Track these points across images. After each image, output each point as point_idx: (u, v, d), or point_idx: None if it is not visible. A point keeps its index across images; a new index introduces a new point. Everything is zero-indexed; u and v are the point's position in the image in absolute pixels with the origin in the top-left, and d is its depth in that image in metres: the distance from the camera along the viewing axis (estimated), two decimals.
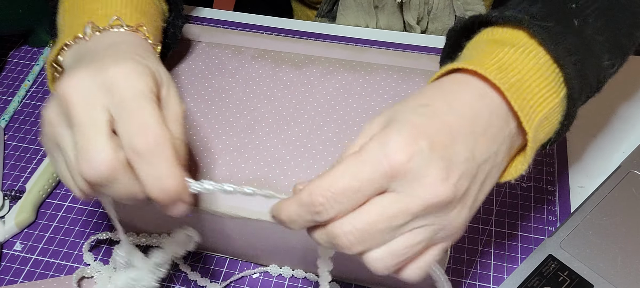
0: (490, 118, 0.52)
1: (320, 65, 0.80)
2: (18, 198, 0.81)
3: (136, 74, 0.53)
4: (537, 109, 0.54)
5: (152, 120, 0.51)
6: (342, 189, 0.47)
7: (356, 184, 0.47)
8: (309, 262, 0.71)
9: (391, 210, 0.47)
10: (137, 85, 0.52)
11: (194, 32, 0.85)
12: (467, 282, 0.73)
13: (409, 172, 0.47)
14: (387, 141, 0.47)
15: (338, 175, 0.47)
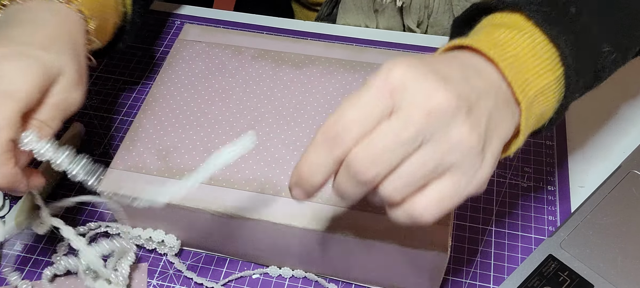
0: (492, 90, 0.52)
1: (320, 65, 0.80)
2: (18, 198, 0.80)
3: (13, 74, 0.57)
4: (532, 83, 0.54)
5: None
6: (351, 117, 0.48)
7: (363, 110, 0.48)
8: (309, 261, 0.71)
9: (396, 125, 0.48)
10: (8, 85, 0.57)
11: (194, 32, 0.85)
12: (467, 282, 0.73)
13: (407, 87, 0.48)
14: (383, 68, 0.49)
15: (346, 107, 0.49)
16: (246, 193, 0.68)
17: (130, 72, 0.98)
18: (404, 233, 0.64)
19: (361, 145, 0.48)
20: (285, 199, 0.67)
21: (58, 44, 0.62)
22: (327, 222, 0.65)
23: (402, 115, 0.48)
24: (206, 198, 0.68)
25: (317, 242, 0.67)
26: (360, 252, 0.66)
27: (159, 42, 1.03)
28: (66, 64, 0.62)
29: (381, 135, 0.48)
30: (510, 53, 0.54)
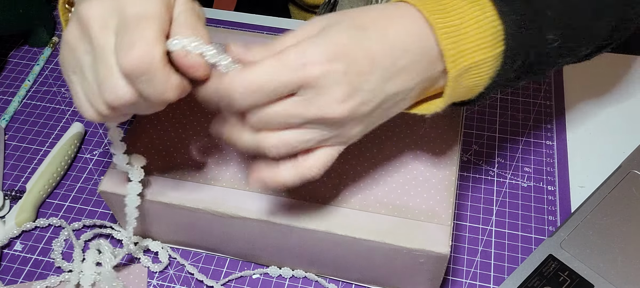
0: (416, 54, 0.54)
1: None
2: (18, 198, 0.81)
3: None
4: (467, 55, 0.54)
5: (141, 40, 0.50)
6: (257, 86, 0.51)
7: (271, 85, 0.51)
8: (309, 262, 0.71)
9: (291, 110, 0.52)
10: (140, 7, 0.51)
11: None
12: (467, 282, 0.73)
13: (317, 86, 0.51)
14: (309, 52, 0.51)
15: (258, 73, 0.51)
16: (246, 193, 0.68)
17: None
18: (404, 234, 0.64)
19: (256, 111, 0.53)
20: (285, 199, 0.67)
21: None
22: (327, 222, 0.65)
23: (300, 104, 0.52)
24: (206, 198, 0.68)
25: (317, 242, 0.67)
26: (360, 252, 0.66)
27: None
28: None
29: (275, 109, 0.52)
30: (452, 22, 0.54)
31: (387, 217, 0.65)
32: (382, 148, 0.70)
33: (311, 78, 0.51)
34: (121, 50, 0.50)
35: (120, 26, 0.51)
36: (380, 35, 0.53)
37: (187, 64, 0.53)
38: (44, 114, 0.93)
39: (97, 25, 0.52)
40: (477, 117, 0.88)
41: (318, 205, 0.67)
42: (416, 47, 0.54)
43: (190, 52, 0.52)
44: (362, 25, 0.53)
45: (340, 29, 0.53)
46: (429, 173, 0.68)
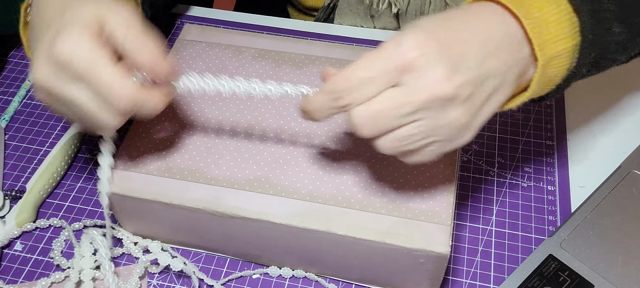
0: (504, 40, 0.56)
1: (320, 65, 0.80)
2: (18, 198, 0.81)
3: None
4: (551, 45, 0.57)
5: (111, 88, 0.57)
6: (359, 78, 0.54)
7: (372, 75, 0.53)
8: (309, 261, 0.71)
9: (399, 99, 0.53)
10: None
11: (194, 32, 0.85)
12: (467, 282, 0.73)
13: (417, 68, 0.53)
14: (402, 41, 0.53)
15: (358, 66, 0.54)
16: (246, 193, 0.68)
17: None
18: (404, 234, 0.64)
19: (364, 105, 0.54)
20: (285, 199, 0.67)
21: None
22: (327, 222, 0.65)
23: (407, 91, 0.53)
24: (206, 198, 0.68)
25: (317, 242, 0.67)
26: (360, 252, 0.66)
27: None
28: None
29: (382, 101, 0.54)
30: (535, 15, 0.57)
31: (387, 217, 0.65)
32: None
33: (408, 60, 0.53)
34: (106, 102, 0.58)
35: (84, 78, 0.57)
36: (467, 24, 0.56)
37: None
38: (44, 114, 0.93)
39: (82, 57, 0.56)
40: None
41: (318, 205, 0.67)
42: (504, 35, 0.56)
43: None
44: (447, 18, 0.57)
45: (426, 21, 0.56)
46: (429, 173, 0.68)
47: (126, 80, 0.57)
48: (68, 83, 0.57)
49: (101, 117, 0.59)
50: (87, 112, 0.59)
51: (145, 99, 0.59)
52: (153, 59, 0.58)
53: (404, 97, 0.53)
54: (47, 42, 0.57)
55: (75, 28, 0.57)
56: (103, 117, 0.59)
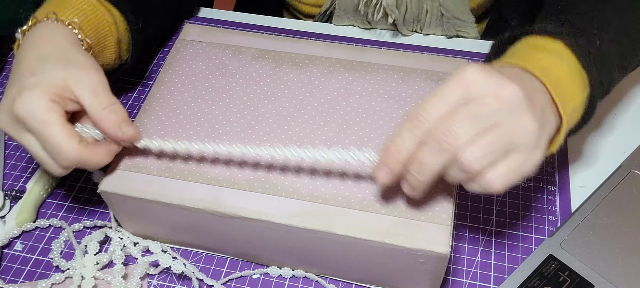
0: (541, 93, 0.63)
1: (320, 65, 0.80)
2: (18, 198, 0.81)
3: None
4: (569, 102, 0.65)
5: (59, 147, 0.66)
6: (431, 104, 0.59)
7: (442, 98, 0.58)
8: (309, 261, 0.71)
9: (473, 106, 0.57)
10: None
11: (194, 32, 0.85)
12: (468, 282, 0.73)
13: (481, 80, 0.58)
14: (461, 70, 0.59)
15: (427, 98, 0.59)
16: (246, 193, 0.68)
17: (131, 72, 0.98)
18: (404, 234, 0.64)
19: (441, 121, 0.58)
20: (285, 199, 0.67)
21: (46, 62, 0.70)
22: (327, 222, 0.65)
23: (478, 100, 0.57)
24: (206, 198, 0.68)
25: (317, 242, 0.67)
26: (360, 252, 0.66)
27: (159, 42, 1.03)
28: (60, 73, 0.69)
29: (459, 113, 0.57)
30: (553, 77, 0.64)
31: (387, 216, 0.65)
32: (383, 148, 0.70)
33: (476, 77, 0.58)
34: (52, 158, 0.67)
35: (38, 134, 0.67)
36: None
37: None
38: None
39: (33, 114, 0.66)
40: None
41: (318, 205, 0.67)
42: (540, 88, 0.63)
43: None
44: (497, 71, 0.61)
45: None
46: None
47: (71, 141, 0.66)
48: (23, 133, 0.68)
49: (48, 166, 0.68)
50: (36, 158, 0.69)
51: (88, 158, 0.67)
52: (114, 129, 0.67)
53: (477, 104, 0.58)
54: (12, 95, 0.67)
55: (37, 90, 0.66)
56: (49, 166, 0.68)
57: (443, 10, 0.96)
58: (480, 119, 0.57)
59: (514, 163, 0.58)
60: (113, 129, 0.67)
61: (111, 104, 0.68)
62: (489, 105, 0.57)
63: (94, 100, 0.67)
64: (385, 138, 0.71)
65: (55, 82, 0.67)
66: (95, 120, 0.68)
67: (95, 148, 0.68)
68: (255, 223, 0.67)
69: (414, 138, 0.59)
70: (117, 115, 0.68)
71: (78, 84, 0.67)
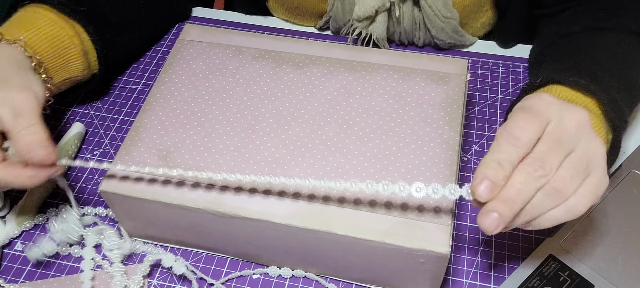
0: None
1: (320, 65, 0.79)
2: (18, 198, 0.81)
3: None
4: None
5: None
6: (517, 134, 0.59)
7: (525, 130, 0.59)
8: (309, 261, 0.71)
9: (553, 131, 0.60)
10: None
11: (195, 32, 0.85)
12: (468, 282, 0.73)
13: (558, 106, 0.61)
14: (537, 98, 0.62)
15: (514, 128, 0.60)
16: (246, 194, 0.68)
17: (131, 72, 0.98)
18: (404, 234, 0.64)
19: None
20: (285, 199, 0.67)
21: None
22: (327, 222, 0.65)
23: (557, 123, 0.60)
24: (207, 198, 0.68)
25: (317, 242, 0.67)
26: (360, 252, 0.66)
27: (160, 42, 1.03)
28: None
29: (545, 141, 0.59)
30: None
31: (387, 216, 0.65)
32: (383, 148, 0.70)
33: (544, 107, 0.61)
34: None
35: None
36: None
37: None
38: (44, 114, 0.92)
39: None
40: (477, 117, 0.88)
41: (318, 205, 0.67)
42: None
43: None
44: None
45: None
46: (429, 173, 0.68)
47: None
48: None
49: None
50: None
51: (12, 178, 0.67)
52: (25, 151, 0.66)
53: (557, 127, 0.60)
54: None
55: None
56: None
57: (437, 41, 0.96)
58: (563, 143, 0.59)
59: (594, 182, 0.60)
60: (24, 151, 0.67)
61: (29, 126, 0.67)
62: (568, 128, 0.60)
63: (13, 121, 0.67)
64: (385, 138, 0.71)
65: None
66: (12, 141, 0.68)
67: (19, 169, 0.67)
68: (255, 223, 0.67)
69: (510, 158, 0.59)
70: (32, 138, 0.67)
71: (2, 103, 0.68)
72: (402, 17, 0.93)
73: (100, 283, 0.74)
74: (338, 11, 0.96)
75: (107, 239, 0.75)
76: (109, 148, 0.88)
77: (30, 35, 0.78)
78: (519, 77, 0.94)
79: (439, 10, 0.90)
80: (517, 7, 0.92)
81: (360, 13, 0.90)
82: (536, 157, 0.58)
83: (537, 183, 0.58)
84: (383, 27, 0.93)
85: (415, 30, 0.96)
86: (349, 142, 0.71)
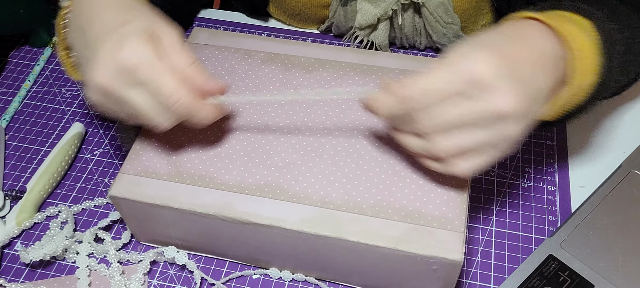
0: (552, 58, 0.62)
1: (330, 69, 0.79)
2: (19, 198, 0.80)
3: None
4: (583, 76, 0.65)
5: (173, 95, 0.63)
6: (432, 89, 0.58)
7: (444, 86, 0.58)
8: (320, 268, 0.72)
9: (465, 109, 0.58)
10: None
11: (203, 35, 0.84)
12: (468, 282, 0.74)
13: (487, 84, 0.57)
14: (475, 55, 0.57)
15: (431, 77, 0.58)
16: (257, 199, 0.68)
17: None
18: (417, 240, 0.64)
19: (430, 111, 0.59)
20: (297, 205, 0.67)
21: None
22: (339, 228, 0.65)
23: (474, 105, 0.57)
24: (217, 204, 0.68)
25: (329, 249, 0.67)
26: (372, 259, 0.67)
27: None
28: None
29: (450, 110, 0.58)
30: (578, 44, 0.63)
31: (399, 223, 0.65)
32: (394, 153, 0.71)
33: (481, 75, 0.57)
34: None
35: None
36: (524, 41, 0.61)
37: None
38: (45, 114, 0.92)
39: (145, 65, 0.62)
40: None
41: (329, 211, 0.67)
42: (551, 53, 0.62)
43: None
44: (506, 34, 0.62)
45: (492, 37, 0.61)
46: (441, 179, 0.68)
47: (183, 89, 0.63)
48: (129, 86, 0.62)
49: (156, 119, 0.64)
50: (143, 113, 0.64)
51: (199, 108, 0.64)
52: (204, 82, 0.65)
53: (471, 108, 0.58)
54: (110, 48, 0.61)
55: (140, 39, 0.62)
56: (158, 119, 0.64)
57: (438, 46, 0.97)
58: (466, 121, 0.58)
59: (485, 158, 0.61)
60: (202, 82, 0.65)
61: (195, 60, 0.65)
62: (480, 115, 0.58)
63: (180, 55, 0.65)
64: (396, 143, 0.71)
65: (149, 29, 0.63)
66: (183, 76, 0.64)
67: (201, 103, 0.65)
68: (266, 229, 0.67)
69: (395, 109, 0.60)
70: (203, 73, 0.65)
71: (166, 35, 0.65)
72: (403, 24, 0.94)
73: (100, 284, 0.74)
74: (340, 18, 0.96)
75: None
76: (109, 149, 0.87)
77: None
78: None
79: (440, 17, 0.90)
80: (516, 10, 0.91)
81: (362, 21, 0.90)
82: (427, 113, 0.59)
83: (411, 128, 0.62)
84: (385, 35, 0.93)
85: (416, 35, 0.96)
86: (359, 147, 0.71)
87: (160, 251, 0.74)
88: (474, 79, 0.57)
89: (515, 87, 0.57)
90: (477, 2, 0.91)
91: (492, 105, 0.57)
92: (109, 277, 0.74)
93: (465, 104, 0.58)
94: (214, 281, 0.74)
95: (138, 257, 0.75)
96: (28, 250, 0.74)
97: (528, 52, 0.60)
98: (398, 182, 0.68)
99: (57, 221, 0.78)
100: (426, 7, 0.89)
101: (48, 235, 0.77)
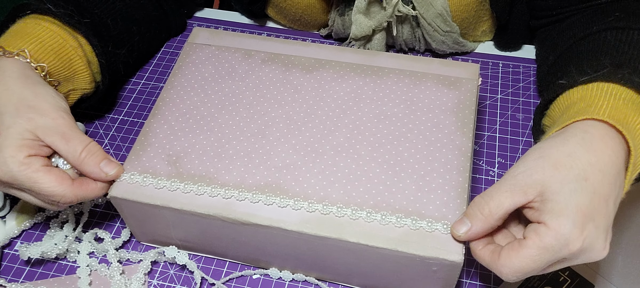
0: (621, 167, 0.63)
1: (331, 69, 0.79)
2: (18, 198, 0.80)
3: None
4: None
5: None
6: (527, 271, 0.60)
7: (537, 268, 0.60)
8: (320, 268, 0.72)
9: (546, 265, 0.60)
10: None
11: (203, 35, 0.84)
12: (468, 282, 0.74)
13: (582, 251, 0.59)
14: (564, 234, 0.58)
15: (526, 261, 0.59)
16: (258, 200, 0.68)
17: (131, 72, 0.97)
18: (417, 241, 0.64)
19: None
20: (296, 206, 0.67)
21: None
22: (339, 229, 0.65)
23: (565, 263, 0.61)
24: (217, 204, 0.68)
25: (328, 249, 0.67)
26: (371, 260, 0.67)
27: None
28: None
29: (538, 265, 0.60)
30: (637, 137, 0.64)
31: (399, 224, 0.65)
32: (394, 154, 0.70)
33: (576, 250, 0.59)
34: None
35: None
36: (600, 177, 0.61)
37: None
38: None
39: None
40: (477, 118, 0.89)
41: (331, 214, 0.67)
42: (621, 162, 0.63)
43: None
44: (584, 176, 0.60)
45: (574, 192, 0.60)
46: (441, 180, 0.68)
47: (63, 186, 0.67)
48: (15, 190, 0.69)
49: (51, 208, 0.71)
50: (38, 205, 0.70)
51: (84, 195, 0.69)
52: (97, 172, 0.69)
53: (562, 265, 0.62)
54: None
55: (9, 150, 0.66)
56: (52, 208, 0.71)
57: (437, 51, 0.97)
58: (555, 268, 0.62)
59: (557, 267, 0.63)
60: (96, 173, 0.69)
61: (85, 147, 0.69)
62: (573, 263, 0.61)
63: (68, 147, 0.68)
64: (396, 143, 0.71)
65: (23, 135, 0.67)
66: (75, 166, 0.69)
67: (89, 184, 0.70)
68: (266, 229, 0.67)
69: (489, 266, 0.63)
70: (96, 157, 0.69)
71: (47, 133, 0.68)
72: (400, 33, 0.94)
73: (100, 283, 0.74)
74: (339, 27, 0.96)
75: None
76: (109, 149, 0.87)
77: (34, 47, 0.75)
78: (518, 77, 0.94)
79: (438, 26, 0.90)
80: (517, 19, 0.92)
81: (357, 32, 0.90)
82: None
83: None
84: (381, 44, 0.93)
85: (415, 42, 0.96)
86: (360, 147, 0.71)
87: (161, 251, 0.75)
88: (571, 255, 0.59)
89: (606, 236, 0.60)
90: (477, 11, 0.91)
91: (589, 259, 0.61)
92: (109, 276, 0.74)
93: (560, 265, 0.61)
94: (214, 281, 0.74)
95: (138, 256, 0.75)
96: (28, 247, 0.74)
97: (607, 186, 0.61)
98: (398, 182, 0.68)
99: (57, 221, 0.78)
100: (424, 17, 0.89)
101: (48, 235, 0.77)
